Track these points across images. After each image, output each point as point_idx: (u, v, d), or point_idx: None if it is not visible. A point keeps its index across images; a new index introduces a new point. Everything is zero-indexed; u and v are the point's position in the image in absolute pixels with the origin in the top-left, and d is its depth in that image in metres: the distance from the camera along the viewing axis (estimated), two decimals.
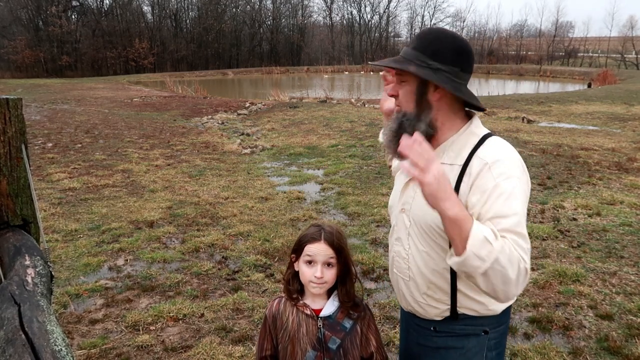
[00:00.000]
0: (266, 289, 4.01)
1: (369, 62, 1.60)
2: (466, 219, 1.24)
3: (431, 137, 1.47)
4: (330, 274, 1.57)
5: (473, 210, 1.36)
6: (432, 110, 1.47)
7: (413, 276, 1.55)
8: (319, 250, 1.56)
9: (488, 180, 1.35)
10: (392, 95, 1.54)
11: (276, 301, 1.69)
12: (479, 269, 1.22)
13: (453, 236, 1.26)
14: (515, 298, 1.31)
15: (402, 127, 1.47)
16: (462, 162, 1.43)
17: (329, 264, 1.57)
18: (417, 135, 1.25)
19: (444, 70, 1.43)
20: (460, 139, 1.48)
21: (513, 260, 1.23)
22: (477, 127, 1.51)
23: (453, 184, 1.39)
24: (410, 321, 1.67)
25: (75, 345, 3.19)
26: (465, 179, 1.41)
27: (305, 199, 6.52)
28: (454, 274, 1.47)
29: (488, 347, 1.55)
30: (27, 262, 1.30)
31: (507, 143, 1.48)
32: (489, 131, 1.52)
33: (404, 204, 1.57)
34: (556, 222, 5.44)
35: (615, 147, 9.54)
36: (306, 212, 5.86)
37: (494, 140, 1.47)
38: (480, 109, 1.52)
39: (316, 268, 1.56)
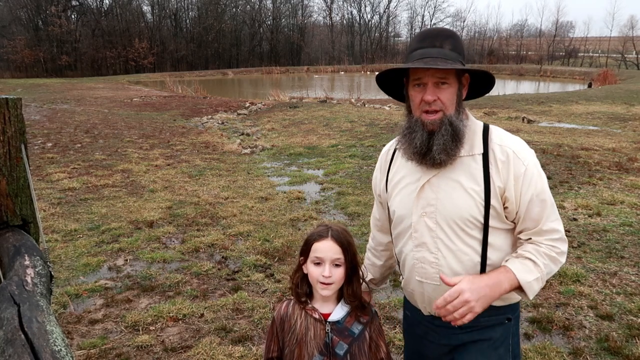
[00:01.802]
0: (266, 289, 4.01)
1: (409, 65, 1.48)
2: (511, 284, 1.46)
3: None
4: (338, 274, 1.56)
5: (508, 193, 1.49)
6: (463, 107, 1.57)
7: None
8: (326, 247, 1.55)
9: (518, 166, 1.49)
10: (433, 100, 1.48)
11: (285, 303, 1.67)
12: (542, 286, 1.51)
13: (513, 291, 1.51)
14: None
15: (455, 127, 1.50)
16: (481, 151, 1.52)
17: (336, 264, 1.56)
18: (442, 301, 1.40)
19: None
20: (468, 131, 1.54)
21: (555, 261, 1.50)
22: (473, 118, 1.60)
23: (481, 172, 1.51)
24: (430, 324, 1.65)
25: (74, 346, 3.19)
26: (492, 165, 1.50)
27: (305, 199, 6.52)
28: (483, 267, 1.52)
29: (512, 334, 1.60)
30: (27, 262, 1.30)
31: (502, 129, 1.62)
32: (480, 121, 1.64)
33: (424, 208, 1.55)
34: None
35: (616, 147, 9.53)
36: (306, 212, 5.86)
37: (496, 128, 1.60)
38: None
39: (324, 267, 1.54)
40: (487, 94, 1.70)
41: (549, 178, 7.15)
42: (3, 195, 1.51)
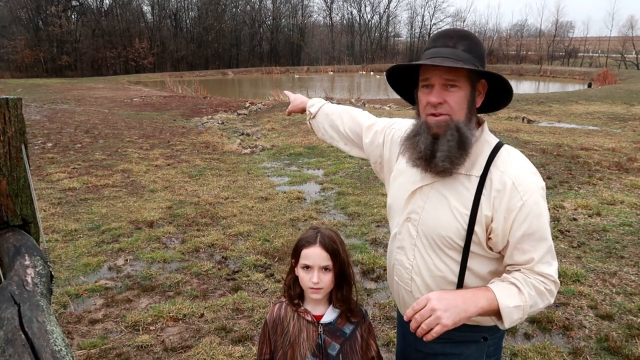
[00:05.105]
0: (266, 289, 4.01)
1: (413, 62, 1.40)
2: (490, 303, 1.33)
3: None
4: (327, 279, 1.57)
5: (496, 224, 1.36)
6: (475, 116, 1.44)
7: (417, 287, 1.51)
8: (314, 254, 1.56)
9: (515, 199, 1.35)
10: (438, 103, 1.38)
11: (277, 306, 1.68)
12: (522, 320, 1.38)
13: (489, 316, 1.38)
14: None
15: (462, 134, 1.37)
16: (480, 173, 1.39)
17: (325, 269, 1.56)
18: (410, 310, 1.32)
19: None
20: (475, 147, 1.41)
21: (542, 296, 1.37)
22: (488, 135, 1.47)
23: (472, 195, 1.39)
24: (408, 326, 1.65)
25: (75, 346, 3.19)
26: (485, 192, 1.37)
27: (305, 199, 6.52)
28: (459, 287, 1.45)
29: (487, 354, 1.54)
30: (27, 262, 1.30)
31: (518, 152, 1.47)
32: (497, 139, 1.48)
33: (410, 213, 1.51)
34: (556, 222, 5.44)
35: (616, 147, 9.53)
36: (306, 212, 5.86)
37: (508, 151, 1.44)
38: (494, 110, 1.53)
39: (313, 274, 1.55)
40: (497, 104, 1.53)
41: (548, 178, 7.17)
42: (3, 195, 1.51)
